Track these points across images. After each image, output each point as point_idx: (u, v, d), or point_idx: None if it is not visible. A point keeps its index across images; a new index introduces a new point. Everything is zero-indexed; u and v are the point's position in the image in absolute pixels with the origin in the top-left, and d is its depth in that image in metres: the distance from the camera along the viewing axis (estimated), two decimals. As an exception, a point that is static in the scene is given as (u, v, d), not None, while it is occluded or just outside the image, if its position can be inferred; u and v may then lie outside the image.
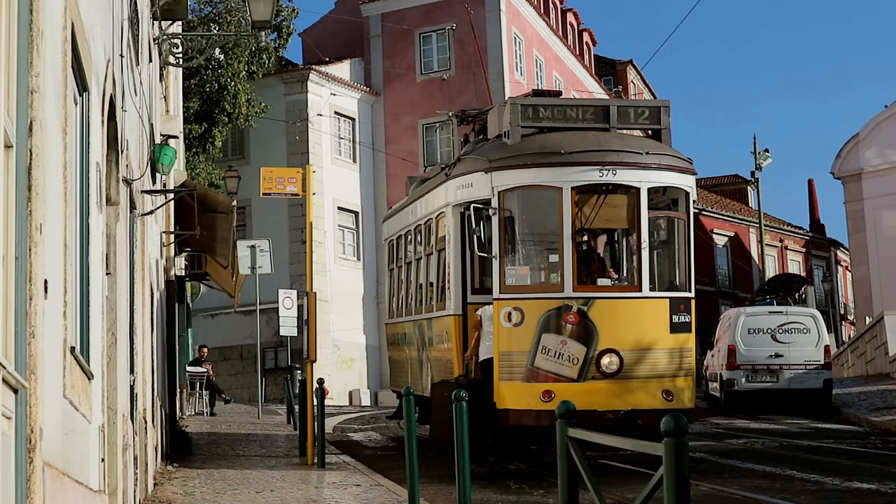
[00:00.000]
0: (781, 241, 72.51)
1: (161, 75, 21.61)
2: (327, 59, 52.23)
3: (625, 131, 19.39)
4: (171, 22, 21.25)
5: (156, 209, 17.38)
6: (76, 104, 8.25)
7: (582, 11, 70.48)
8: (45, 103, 6.06)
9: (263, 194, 21.06)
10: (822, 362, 32.69)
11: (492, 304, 17.92)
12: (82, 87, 8.43)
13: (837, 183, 59.53)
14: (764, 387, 32.66)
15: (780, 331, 32.79)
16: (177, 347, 24.36)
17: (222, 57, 40.28)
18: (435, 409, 18.91)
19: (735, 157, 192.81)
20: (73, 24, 7.32)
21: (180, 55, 23.44)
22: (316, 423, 20.19)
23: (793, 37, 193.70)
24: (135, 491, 13.10)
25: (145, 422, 14.98)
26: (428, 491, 15.36)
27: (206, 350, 37.50)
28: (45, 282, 6.10)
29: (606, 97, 59.69)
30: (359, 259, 51.23)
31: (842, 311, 74.39)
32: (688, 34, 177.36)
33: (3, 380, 5.05)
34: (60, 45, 6.91)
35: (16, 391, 5.50)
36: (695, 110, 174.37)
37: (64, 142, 7.09)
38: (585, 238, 18.67)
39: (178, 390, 27.64)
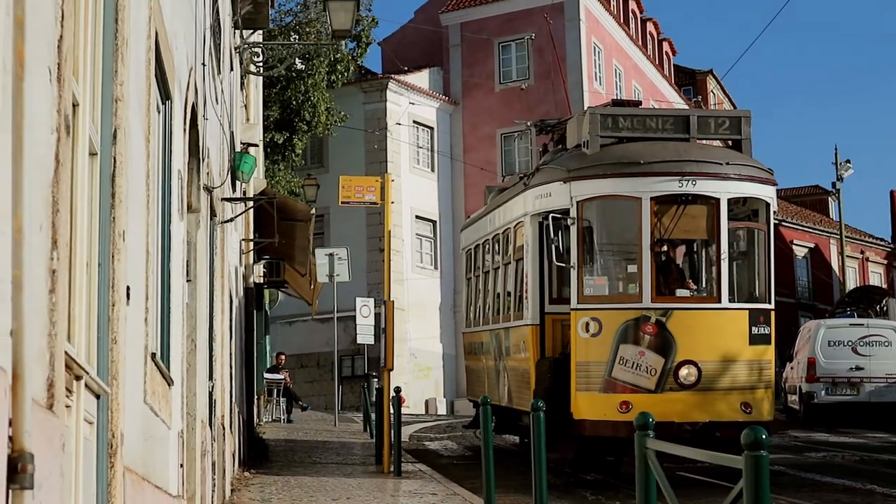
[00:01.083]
0: (862, 252, 71.76)
1: (242, 84, 21.77)
2: (406, 68, 52.35)
3: (705, 141, 19.28)
4: (252, 31, 21.42)
5: (236, 217, 17.50)
6: (159, 112, 8.32)
7: (662, 21, 70.33)
8: (128, 111, 6.12)
9: (342, 203, 21.14)
10: (903, 376, 32.29)
11: None
12: (165, 95, 8.51)
13: (920, 194, 58.89)
14: (844, 400, 32.31)
15: (861, 343, 32.43)
16: (255, 354, 24.50)
17: (303, 66, 40.50)
18: (536, 381, 18.79)
19: (816, 167, 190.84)
20: (156, 33, 7.40)
21: (261, 64, 23.63)
22: (392, 432, 20.21)
23: (874, 45, 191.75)
24: (213, 497, 13.18)
25: (223, 428, 15.08)
26: (504, 500, 15.33)
27: (283, 357, 37.69)
28: (128, 288, 6.16)
29: (686, 107, 59.38)
30: (436, 268, 51.30)
31: (924, 325, 73.44)
32: (768, 44, 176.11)
33: (86, 385, 5.10)
34: (144, 53, 6.98)
35: (98, 396, 5.55)
36: (775, 120, 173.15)
37: (147, 149, 7.15)
38: (664, 248, 18.57)
39: (256, 397, 27.79)
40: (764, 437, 6.19)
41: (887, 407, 32.01)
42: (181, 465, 9.71)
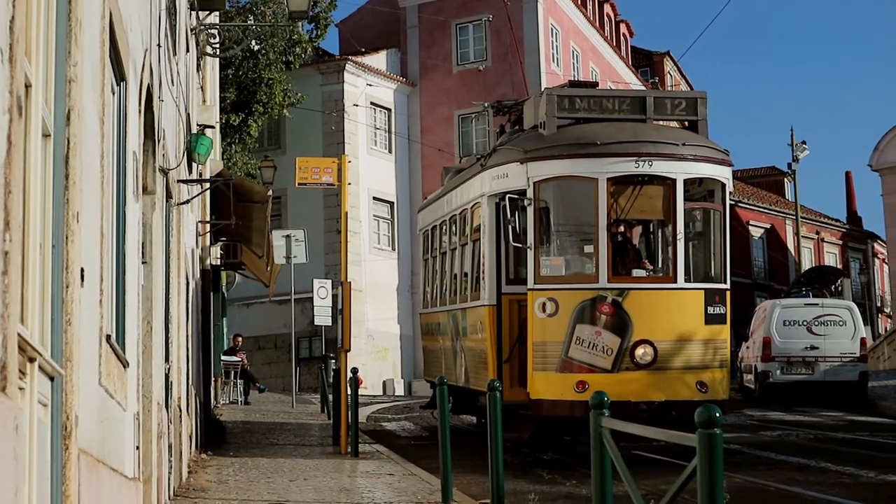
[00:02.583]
0: (818, 233, 72.18)
1: (198, 65, 21.67)
2: (364, 49, 52.25)
3: (661, 122, 19.33)
4: (208, 12, 21.31)
5: (192, 198, 17.44)
6: (114, 94, 8.29)
7: (619, 2, 70.25)
8: (82, 93, 6.10)
9: (299, 184, 21.10)
10: (857, 355, 32.55)
11: None
12: (120, 76, 8.47)
13: (875, 175, 59.23)
14: (799, 379, 32.54)
15: (816, 323, 32.65)
16: (212, 336, 24.45)
17: (259, 47, 40.36)
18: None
19: (772, 148, 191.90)
20: (111, 13, 7.36)
21: (217, 45, 23.51)
22: (349, 413, 20.24)
23: (830, 27, 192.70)
24: (169, 478, 13.17)
25: (180, 410, 15.05)
26: (461, 480, 15.37)
27: (240, 339, 37.62)
28: (82, 270, 6.14)
29: (643, 88, 59.52)
30: (394, 249, 51.30)
31: (878, 304, 74.04)
32: (725, 25, 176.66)
33: (40, 367, 5.09)
34: (98, 34, 6.95)
35: (52, 378, 5.54)
36: (732, 101, 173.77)
37: (101, 131, 7.13)
38: (621, 229, 18.62)
39: (213, 379, 27.74)
40: (718, 415, 6.24)
41: (841, 386, 32.26)
42: (137, 448, 9.70)
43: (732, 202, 26.48)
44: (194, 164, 17.56)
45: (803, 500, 14.01)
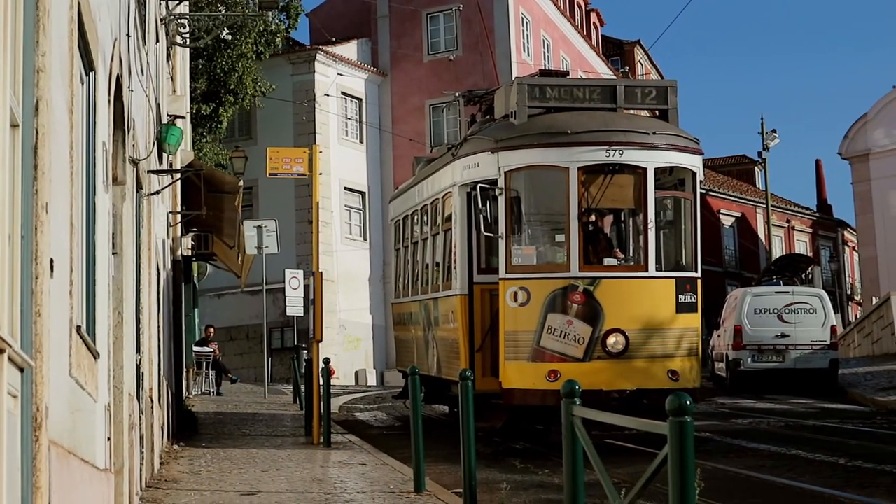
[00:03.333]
0: (788, 221, 72.43)
1: (168, 55, 21.60)
2: (334, 39, 52.18)
3: (632, 111, 19.37)
4: (178, 2, 21.24)
5: (162, 189, 17.39)
6: (83, 84, 8.25)
7: (589, -9, 70.32)
8: (51, 83, 6.07)
9: (270, 174, 21.06)
10: (828, 342, 32.70)
11: None
12: (89, 66, 8.44)
13: (845, 163, 59.52)
14: (770, 367, 32.67)
15: (787, 311, 32.78)
16: (183, 327, 24.39)
17: (230, 37, 40.26)
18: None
19: (742, 137, 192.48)
20: (79, 3, 7.33)
21: (187, 35, 23.46)
22: (322, 403, 20.22)
23: (800, 17, 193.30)
24: (141, 470, 13.15)
25: (151, 401, 15.02)
26: (433, 470, 15.39)
27: (212, 330, 37.56)
28: (51, 261, 6.12)
29: (613, 77, 59.59)
30: (365, 239, 51.26)
31: (848, 292, 74.40)
32: (695, 14, 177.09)
33: (9, 358, 5.06)
34: (67, 24, 6.92)
35: (21, 370, 5.51)
36: (702, 91, 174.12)
37: (70, 121, 7.10)
38: (592, 218, 18.66)
39: (185, 370, 27.69)
40: (688, 403, 6.24)
41: (812, 373, 32.41)
42: (108, 439, 9.67)
43: (703, 191, 26.54)
44: (165, 155, 17.50)
45: (774, 487, 14.07)
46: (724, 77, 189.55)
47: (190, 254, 29.72)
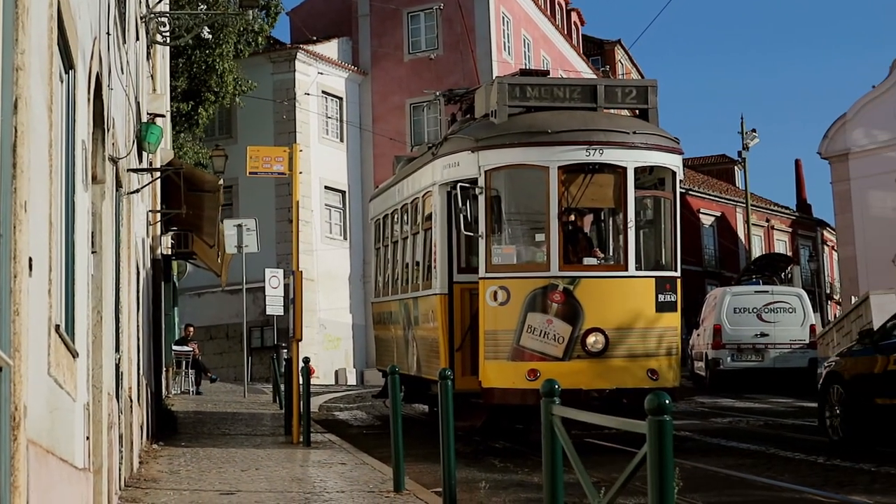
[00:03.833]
0: (768, 220, 72.61)
1: (148, 54, 21.55)
2: (315, 38, 52.13)
3: (612, 111, 19.37)
4: (158, 0, 21.19)
5: (142, 187, 17.36)
6: (62, 82, 8.23)
7: (570, -9, 70.51)
8: (30, 81, 6.05)
9: (250, 173, 21.03)
10: (807, 341, 32.83)
11: None
12: (68, 64, 8.42)
13: (824, 163, 59.62)
14: (749, 366, 32.77)
15: (766, 310, 32.89)
16: (163, 326, 24.35)
17: (210, 36, 40.19)
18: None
19: (722, 137, 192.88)
20: (59, 1, 7.31)
21: (167, 33, 23.40)
22: (301, 402, 20.21)
23: (781, 17, 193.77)
24: (120, 469, 13.12)
25: (131, 400, 14.99)
26: (413, 469, 15.39)
27: (192, 329, 37.50)
28: (30, 259, 6.10)
29: (594, 77, 59.69)
30: (345, 238, 51.23)
31: (828, 291, 74.60)
32: (676, 14, 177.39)
33: (-12, 357, 5.06)
34: (46, 22, 6.90)
35: (0, 369, 5.50)
36: (682, 90, 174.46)
37: (49, 119, 7.08)
38: (572, 217, 18.67)
39: (164, 369, 27.66)
40: (667, 402, 6.26)
41: (791, 372, 32.52)
42: (87, 438, 9.65)
43: (683, 190, 26.58)
44: (144, 154, 17.46)
45: (754, 485, 14.11)
46: (704, 76, 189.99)
47: (170, 253, 29.68)
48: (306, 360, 20.86)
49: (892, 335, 17.50)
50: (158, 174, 19.84)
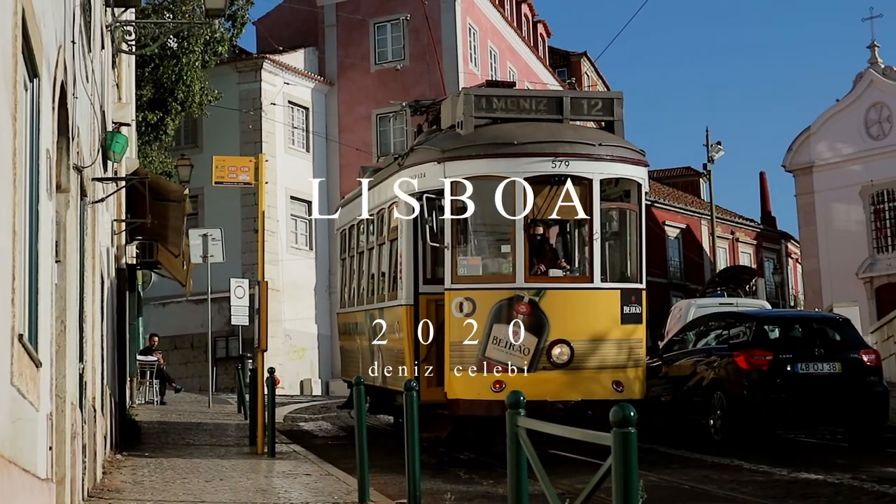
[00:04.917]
0: (733, 233, 72.86)
1: (113, 63, 21.49)
2: (281, 48, 52.12)
3: (578, 123, 19.40)
4: (124, 9, 21.13)
5: (107, 197, 17.30)
6: (26, 90, 8.20)
7: (536, 3, 70.69)
8: (-6, 89, 6.03)
9: (216, 183, 20.97)
10: (771, 354, 32.83)
11: None
12: (33, 73, 8.38)
13: (789, 176, 60.03)
14: (714, 378, 32.77)
15: (731, 323, 32.89)
16: (127, 336, 24.26)
17: (176, 45, 40.09)
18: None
19: (688, 149, 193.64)
20: (23, 9, 7.28)
21: (133, 43, 23.32)
22: (266, 413, 20.17)
23: (744, 29, 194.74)
24: (83, 479, 13.06)
25: (94, 410, 14.93)
26: (378, 480, 15.37)
27: (156, 339, 37.37)
28: (-7, 268, 6.07)
29: (560, 88, 59.79)
30: (311, 248, 51.18)
31: (791, 303, 74.87)
32: (641, 27, 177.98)
33: (-50, 367, 5.02)
34: (10, 30, 6.87)
35: (-38, 378, 5.47)
36: (648, 102, 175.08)
37: (13, 128, 7.05)
38: (538, 229, 18.68)
39: (129, 379, 27.53)
40: (632, 414, 6.27)
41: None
42: (50, 448, 9.60)
43: (648, 202, 26.66)
44: (109, 163, 17.40)
45: (716, 498, 14.14)
46: (670, 89, 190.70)
47: (134, 262, 29.58)
48: (271, 371, 20.84)
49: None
50: (123, 183, 19.78)
